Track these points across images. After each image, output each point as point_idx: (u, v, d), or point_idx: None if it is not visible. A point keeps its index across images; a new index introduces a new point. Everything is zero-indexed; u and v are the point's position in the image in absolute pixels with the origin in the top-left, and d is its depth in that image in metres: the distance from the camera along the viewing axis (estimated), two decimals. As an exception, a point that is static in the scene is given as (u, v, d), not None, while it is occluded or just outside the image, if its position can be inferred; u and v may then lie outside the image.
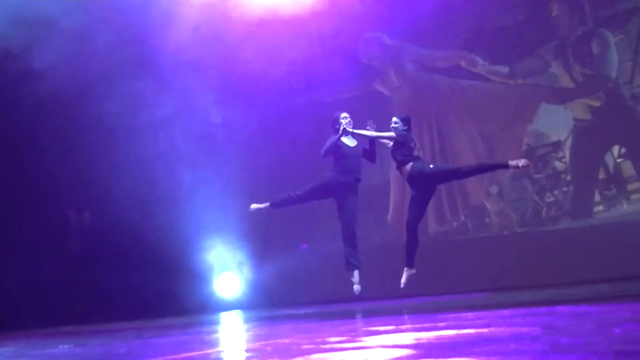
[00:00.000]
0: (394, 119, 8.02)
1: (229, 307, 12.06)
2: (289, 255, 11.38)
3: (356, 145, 8.37)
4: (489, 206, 11.34)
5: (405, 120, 7.99)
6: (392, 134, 7.93)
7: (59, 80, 9.84)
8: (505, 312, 5.80)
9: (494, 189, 11.27)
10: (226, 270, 12.28)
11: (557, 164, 11.03)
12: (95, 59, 10.25)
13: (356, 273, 8.36)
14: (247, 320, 8.98)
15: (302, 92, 11.96)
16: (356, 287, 8.27)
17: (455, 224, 11.52)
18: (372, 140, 8.25)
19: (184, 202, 11.62)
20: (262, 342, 5.50)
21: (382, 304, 9.52)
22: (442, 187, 11.02)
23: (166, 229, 11.35)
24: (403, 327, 5.56)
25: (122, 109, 10.63)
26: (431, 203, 10.97)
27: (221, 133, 11.63)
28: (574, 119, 10.95)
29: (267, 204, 8.54)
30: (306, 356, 4.21)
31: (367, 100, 11.90)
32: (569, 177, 10.97)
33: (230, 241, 11.98)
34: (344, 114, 8.34)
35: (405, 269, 7.87)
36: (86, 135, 11.09)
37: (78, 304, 11.10)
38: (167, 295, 11.29)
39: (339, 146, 8.25)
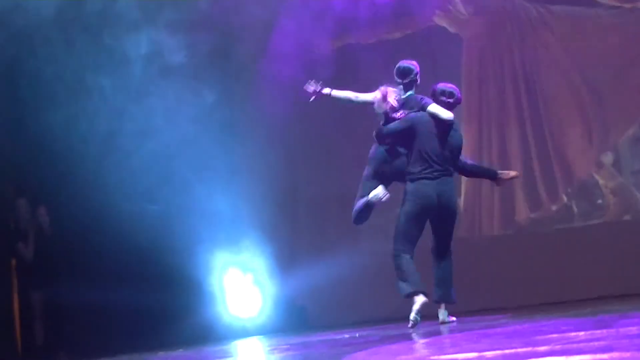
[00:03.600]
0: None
1: (245, 333, 11.45)
2: (325, 262, 10.83)
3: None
4: (601, 182, 10.91)
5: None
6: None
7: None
8: (633, 329, 5.04)
9: (607, 158, 10.91)
10: (242, 284, 11.70)
11: (701, 119, 10.51)
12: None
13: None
14: (271, 350, 8.53)
15: (322, 33, 11.20)
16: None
17: (554, 207, 10.93)
18: None
19: (179, 191, 10.87)
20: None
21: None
22: (534, 158, 10.56)
23: (157, 228, 10.55)
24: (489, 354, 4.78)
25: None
26: (520, 181, 10.44)
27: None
28: None
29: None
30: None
31: (422, 41, 11.23)
32: None
33: (247, 243, 11.40)
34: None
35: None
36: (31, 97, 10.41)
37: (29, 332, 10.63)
38: (159, 318, 10.64)
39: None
